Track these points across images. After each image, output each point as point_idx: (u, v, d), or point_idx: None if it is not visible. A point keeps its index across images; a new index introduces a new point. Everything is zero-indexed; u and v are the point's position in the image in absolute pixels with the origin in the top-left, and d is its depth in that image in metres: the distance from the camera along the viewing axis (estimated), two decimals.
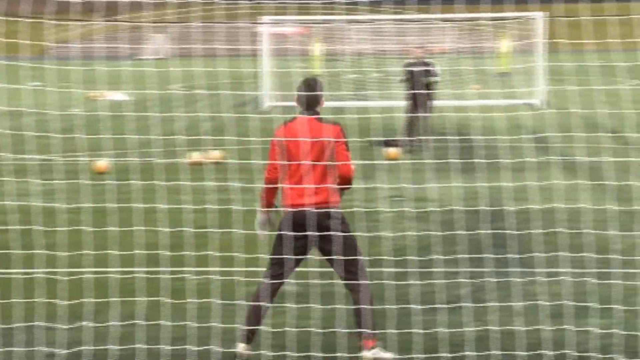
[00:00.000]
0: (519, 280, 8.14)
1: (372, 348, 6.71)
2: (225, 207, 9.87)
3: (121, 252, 8.61)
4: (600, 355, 6.64)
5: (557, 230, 8.19)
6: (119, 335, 7.21)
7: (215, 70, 8.99)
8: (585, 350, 6.74)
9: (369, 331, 6.68)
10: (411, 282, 7.11)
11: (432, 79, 19.18)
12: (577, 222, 10.57)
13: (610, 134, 19.16)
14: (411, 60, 19.45)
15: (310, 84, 7.03)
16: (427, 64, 19.24)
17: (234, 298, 7.77)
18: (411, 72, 19.06)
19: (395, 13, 36.59)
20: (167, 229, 8.69)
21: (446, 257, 7.26)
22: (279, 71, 30.96)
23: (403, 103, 19.56)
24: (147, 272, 8.42)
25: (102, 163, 15.80)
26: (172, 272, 8.49)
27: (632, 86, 30.26)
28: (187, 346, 6.94)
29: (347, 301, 7.81)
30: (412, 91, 18.77)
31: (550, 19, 28.83)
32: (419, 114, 18.75)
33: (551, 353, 6.61)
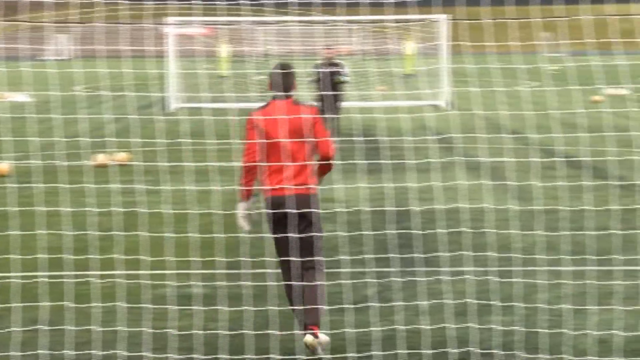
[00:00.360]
0: (424, 279, 8.25)
1: (316, 337, 6.78)
2: (131, 209, 9.76)
3: (23, 257, 8.44)
4: (502, 352, 6.77)
5: (461, 230, 8.33)
6: (21, 340, 7.06)
7: (120, 71, 8.88)
8: (489, 347, 6.87)
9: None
10: (318, 282, 7.12)
11: (343, 78, 19.32)
12: (480, 222, 10.77)
13: (511, 135, 19.56)
14: (320, 61, 19.56)
15: (284, 68, 7.04)
16: (336, 65, 19.37)
17: (140, 301, 7.68)
18: (321, 73, 19.17)
19: (301, 14, 36.69)
20: (71, 232, 8.55)
21: (353, 258, 7.33)
22: (185, 72, 30.74)
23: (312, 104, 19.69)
24: (50, 277, 8.27)
25: (3, 166, 15.46)
26: (76, 276, 8.35)
27: (532, 88, 30.93)
28: (92, 351, 6.84)
29: (255, 303, 7.80)
30: (322, 92, 18.88)
31: (453, 21, 29.28)
32: (328, 115, 18.87)
33: (456, 351, 6.71)
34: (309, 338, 6.77)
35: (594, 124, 21.15)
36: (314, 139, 6.89)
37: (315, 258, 6.90)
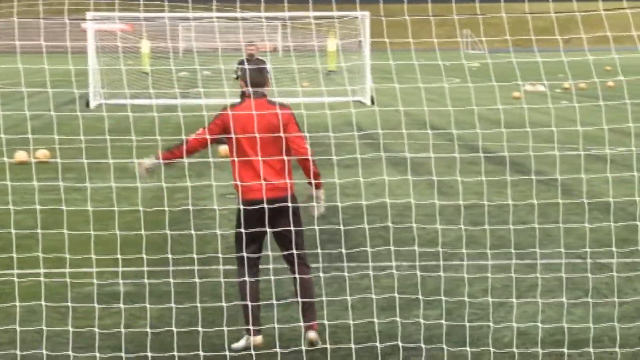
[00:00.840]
0: (351, 274, 8.28)
1: (315, 331, 6.83)
2: (54, 207, 9.62)
3: None
4: (428, 346, 6.83)
5: (387, 225, 8.40)
6: None
7: (39, 67, 8.75)
8: (415, 341, 6.93)
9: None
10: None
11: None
12: (406, 217, 10.86)
13: (435, 131, 19.78)
14: (244, 58, 19.56)
15: (257, 64, 6.93)
16: (259, 62, 19.41)
17: (63, 300, 7.57)
18: (243, 70, 19.17)
19: (221, 10, 36.51)
20: None
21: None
22: (106, 69, 30.36)
23: (236, 100, 19.65)
24: None
25: None
26: None
27: (453, 84, 31.30)
28: (15, 351, 6.71)
29: (181, 299, 7.74)
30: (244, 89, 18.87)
31: (375, 18, 29.46)
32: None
33: (382, 345, 6.75)
34: (312, 335, 6.80)
35: (515, 120, 21.49)
36: (287, 139, 6.81)
37: (298, 250, 6.95)
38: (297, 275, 6.94)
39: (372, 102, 28.21)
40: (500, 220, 10.84)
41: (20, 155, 16.23)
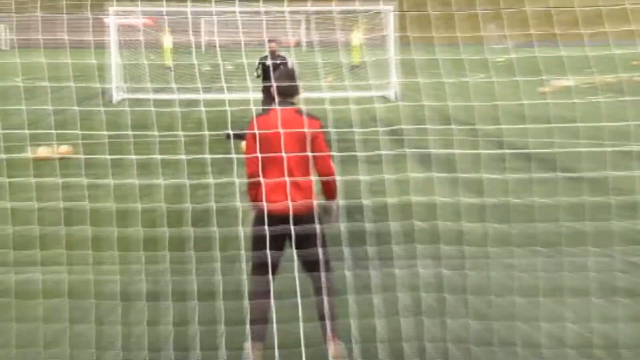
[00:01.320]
0: (376, 273, 8.17)
1: (338, 345, 6.72)
2: (76, 203, 9.54)
3: None
4: (455, 346, 6.71)
5: (412, 221, 8.27)
6: None
7: (60, 62, 8.68)
8: (443, 341, 6.81)
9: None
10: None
11: None
12: (433, 214, 10.71)
13: (461, 126, 19.60)
14: (266, 54, 19.50)
15: (289, 73, 6.69)
16: (281, 58, 19.32)
17: (89, 297, 7.50)
18: (266, 66, 19.10)
19: (243, 4, 36.43)
20: (13, 227, 8.33)
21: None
22: (128, 63, 30.38)
23: (259, 96, 19.56)
24: None
25: None
26: (19, 272, 8.14)
27: (480, 79, 31.07)
28: (40, 349, 6.65)
29: (201, 298, 7.65)
30: (268, 84, 18.80)
31: (400, 13, 29.30)
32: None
33: (408, 345, 6.64)
34: (337, 352, 6.67)
35: (541, 115, 21.28)
36: (313, 154, 6.62)
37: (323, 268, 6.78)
38: (318, 274, 6.80)
39: (397, 97, 28.06)
40: (527, 218, 10.67)
41: (43, 151, 16.22)
